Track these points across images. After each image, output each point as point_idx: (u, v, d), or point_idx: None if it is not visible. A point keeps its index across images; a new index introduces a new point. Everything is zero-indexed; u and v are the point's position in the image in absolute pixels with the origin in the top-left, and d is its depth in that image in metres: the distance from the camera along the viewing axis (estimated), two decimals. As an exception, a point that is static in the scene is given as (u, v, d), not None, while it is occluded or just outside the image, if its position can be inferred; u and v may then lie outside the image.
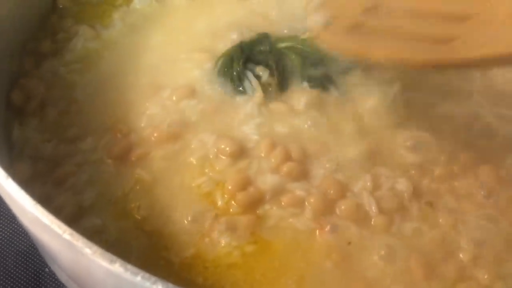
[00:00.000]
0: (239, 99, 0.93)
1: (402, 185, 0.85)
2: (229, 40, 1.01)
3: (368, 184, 0.84)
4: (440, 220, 0.82)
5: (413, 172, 0.86)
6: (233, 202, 0.81)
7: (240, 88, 0.94)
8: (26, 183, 0.78)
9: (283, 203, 0.82)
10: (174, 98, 0.94)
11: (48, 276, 0.99)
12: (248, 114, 0.91)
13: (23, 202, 0.59)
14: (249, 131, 0.90)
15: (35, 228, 0.62)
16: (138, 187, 0.84)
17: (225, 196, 0.82)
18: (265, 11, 1.09)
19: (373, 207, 0.82)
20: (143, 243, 0.80)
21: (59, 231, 0.57)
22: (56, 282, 0.97)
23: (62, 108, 0.93)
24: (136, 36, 1.06)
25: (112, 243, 0.79)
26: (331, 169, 0.86)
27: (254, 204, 0.81)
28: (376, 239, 0.80)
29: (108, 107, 0.94)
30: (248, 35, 1.00)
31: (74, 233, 0.57)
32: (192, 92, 0.94)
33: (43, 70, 0.99)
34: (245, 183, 0.82)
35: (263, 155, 0.87)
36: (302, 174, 0.85)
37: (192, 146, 0.88)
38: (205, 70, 0.97)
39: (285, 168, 0.85)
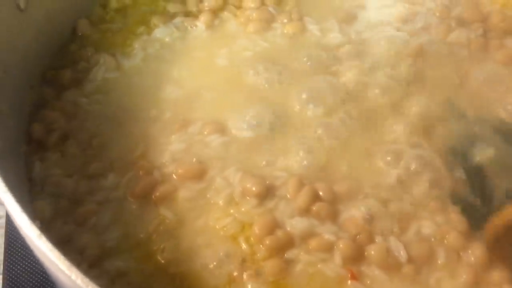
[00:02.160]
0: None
1: (429, 229, 0.83)
2: (256, 76, 1.00)
3: (395, 229, 0.82)
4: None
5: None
6: (260, 246, 0.79)
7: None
8: (48, 223, 0.77)
9: (311, 248, 0.80)
10: (205, 132, 0.92)
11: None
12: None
13: (57, 262, 0.57)
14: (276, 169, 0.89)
15: (66, 283, 0.60)
16: (161, 228, 0.82)
17: (252, 239, 0.80)
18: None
19: (402, 253, 0.80)
20: (167, 287, 0.77)
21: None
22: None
23: (83, 142, 0.91)
24: (158, 67, 1.04)
25: (136, 286, 0.77)
26: (359, 211, 0.84)
27: (282, 248, 0.79)
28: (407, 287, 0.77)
29: (130, 142, 0.92)
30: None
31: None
32: (222, 129, 0.93)
33: (63, 101, 0.97)
34: (273, 226, 0.80)
35: (289, 195, 0.85)
36: (331, 216, 0.83)
37: (217, 184, 0.86)
38: (238, 109, 0.96)
39: (314, 208, 0.83)
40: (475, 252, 0.79)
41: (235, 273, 0.77)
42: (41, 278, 0.99)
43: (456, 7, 1.16)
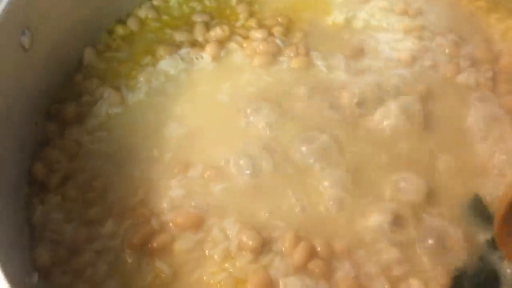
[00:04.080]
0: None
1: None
2: (258, 118, 1.00)
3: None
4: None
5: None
6: (253, 305, 0.80)
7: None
8: (47, 272, 0.78)
9: (303, 309, 0.81)
10: (205, 176, 0.93)
11: None
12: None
13: None
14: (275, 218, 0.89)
15: None
16: (157, 282, 0.83)
17: (245, 298, 0.81)
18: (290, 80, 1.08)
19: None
20: None
21: None
22: None
23: (84, 184, 0.92)
24: (161, 102, 1.04)
25: None
26: (355, 270, 0.84)
27: (274, 309, 0.80)
28: None
29: (130, 185, 0.92)
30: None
31: None
32: (222, 174, 0.93)
33: (66, 139, 0.97)
34: (267, 285, 0.81)
35: (285, 250, 0.85)
36: (326, 274, 0.83)
37: (214, 236, 0.86)
38: (238, 153, 0.96)
39: (309, 265, 0.83)
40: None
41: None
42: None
43: (466, 44, 1.15)
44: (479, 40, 1.15)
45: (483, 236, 0.90)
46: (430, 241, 0.86)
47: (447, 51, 1.13)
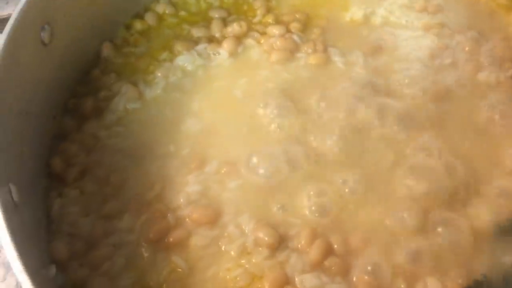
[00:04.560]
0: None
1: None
2: (274, 114, 0.99)
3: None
4: None
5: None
6: (269, 302, 0.80)
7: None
8: (64, 265, 0.79)
9: (320, 306, 0.80)
10: (221, 172, 0.92)
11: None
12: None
13: None
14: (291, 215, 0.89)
15: None
16: (173, 276, 0.83)
17: (261, 294, 0.81)
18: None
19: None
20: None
21: None
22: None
23: (101, 178, 0.92)
24: (178, 98, 1.04)
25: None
26: (371, 267, 0.84)
27: (290, 306, 0.80)
28: None
29: (147, 180, 0.92)
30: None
31: None
32: (237, 171, 0.93)
33: (84, 133, 0.98)
34: (283, 283, 0.81)
35: (301, 247, 0.85)
36: (343, 271, 0.83)
37: (230, 232, 0.86)
38: (254, 149, 0.95)
39: (326, 262, 0.83)
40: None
41: (242, 329, 0.78)
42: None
43: (487, 42, 1.13)
44: (500, 38, 1.14)
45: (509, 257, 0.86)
46: (450, 243, 0.85)
47: (467, 49, 1.11)
